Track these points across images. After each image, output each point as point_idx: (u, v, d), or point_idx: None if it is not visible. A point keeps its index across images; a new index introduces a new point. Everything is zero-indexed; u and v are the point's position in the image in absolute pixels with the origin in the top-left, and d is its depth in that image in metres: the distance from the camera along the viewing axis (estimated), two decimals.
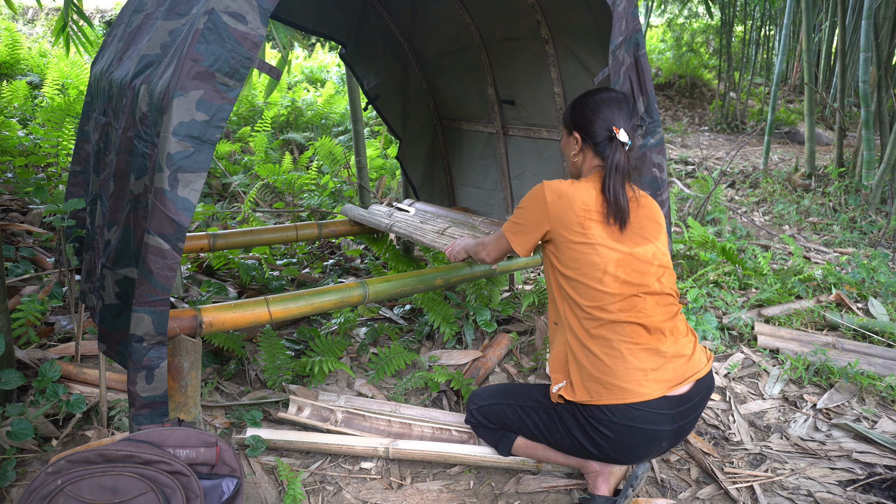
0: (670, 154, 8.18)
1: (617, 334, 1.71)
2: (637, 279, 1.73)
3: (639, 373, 1.69)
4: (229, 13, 1.54)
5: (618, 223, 1.75)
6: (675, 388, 1.72)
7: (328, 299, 2.13)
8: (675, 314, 1.80)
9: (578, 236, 1.74)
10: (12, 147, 4.37)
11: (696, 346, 1.83)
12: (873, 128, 5.56)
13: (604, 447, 1.74)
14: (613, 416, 1.69)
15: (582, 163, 1.90)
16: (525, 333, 3.00)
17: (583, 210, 1.75)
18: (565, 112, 1.95)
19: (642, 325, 1.72)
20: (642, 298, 1.73)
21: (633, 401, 1.67)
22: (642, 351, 1.71)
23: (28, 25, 10.60)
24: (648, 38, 13.76)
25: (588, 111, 1.84)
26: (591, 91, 1.90)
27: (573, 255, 1.75)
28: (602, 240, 1.73)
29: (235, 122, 6.92)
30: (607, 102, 1.83)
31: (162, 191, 1.53)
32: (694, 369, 1.77)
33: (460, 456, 2.03)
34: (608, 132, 1.81)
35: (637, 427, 1.69)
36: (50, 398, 2.01)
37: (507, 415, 1.94)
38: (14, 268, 2.96)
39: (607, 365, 1.70)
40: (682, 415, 1.74)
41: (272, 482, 1.93)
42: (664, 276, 1.80)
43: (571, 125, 1.90)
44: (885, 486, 2.02)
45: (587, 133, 1.84)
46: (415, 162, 3.71)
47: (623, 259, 1.73)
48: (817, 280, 3.67)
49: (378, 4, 3.33)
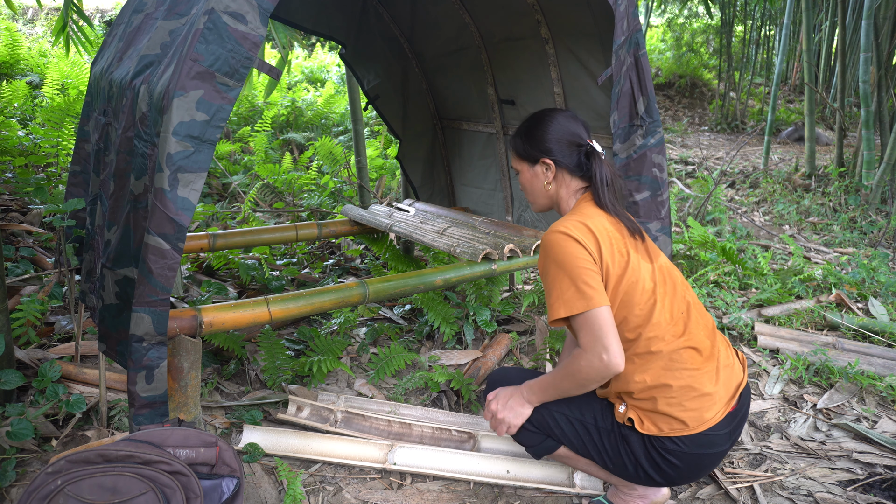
0: (670, 154, 8.18)
1: (678, 363, 1.58)
2: (673, 295, 1.63)
3: (705, 399, 1.58)
4: (229, 13, 1.54)
5: (637, 236, 1.65)
6: (731, 403, 1.64)
7: (328, 299, 2.13)
8: (714, 327, 1.71)
9: (624, 264, 1.58)
10: (12, 147, 4.37)
11: (732, 354, 1.74)
12: (873, 128, 5.56)
13: (670, 475, 1.63)
14: (686, 446, 1.58)
15: (558, 190, 1.74)
16: (525, 333, 3.00)
17: (615, 234, 1.61)
18: (517, 145, 1.78)
19: (695, 348, 1.61)
20: (686, 317, 1.63)
21: (704, 429, 1.57)
22: (703, 375, 1.60)
23: (28, 25, 10.60)
24: (648, 38, 13.76)
25: (552, 133, 1.71)
26: (538, 114, 1.76)
27: (625, 286, 1.57)
28: (641, 261, 1.61)
29: (235, 122, 6.92)
30: (565, 120, 1.72)
31: (162, 191, 1.53)
32: (738, 379, 1.69)
33: (460, 475, 1.98)
34: (582, 147, 1.70)
35: (705, 453, 1.60)
36: (50, 398, 2.00)
37: (561, 426, 1.70)
38: (14, 268, 2.96)
39: (676, 396, 1.57)
40: (735, 428, 1.67)
41: (272, 482, 1.93)
42: (687, 285, 1.72)
43: (536, 154, 1.73)
44: (885, 486, 2.02)
45: (559, 156, 1.70)
46: (415, 162, 3.71)
47: (660, 277, 1.63)
48: (817, 280, 3.67)
49: (378, 4, 3.33)
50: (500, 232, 2.82)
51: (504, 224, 2.92)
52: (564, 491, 1.93)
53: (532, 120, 1.75)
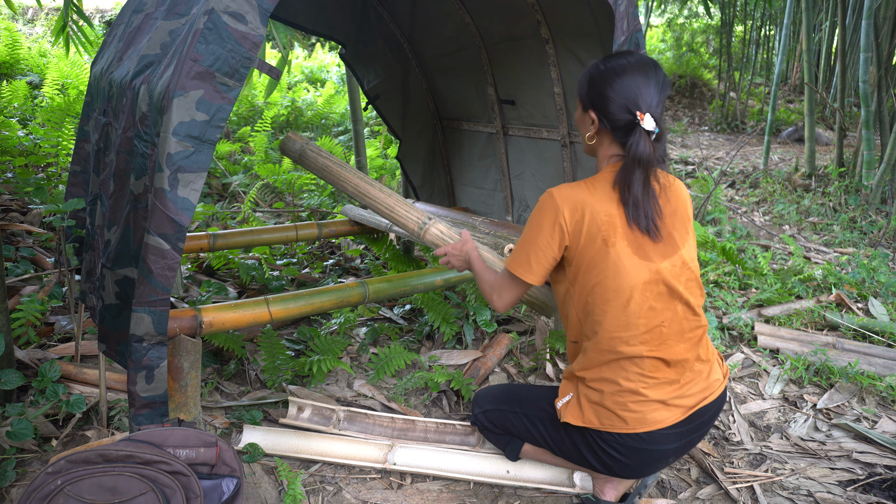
0: (670, 154, 8.18)
1: (636, 367, 1.55)
2: (664, 303, 1.55)
3: (655, 404, 1.57)
4: (229, 13, 1.54)
5: (644, 231, 1.52)
6: (688, 412, 1.61)
7: (328, 299, 2.13)
8: (700, 340, 1.63)
9: (601, 255, 1.51)
10: (12, 147, 4.37)
11: (713, 368, 1.69)
12: (873, 128, 5.56)
13: (612, 467, 1.66)
14: (625, 441, 1.60)
15: (598, 147, 1.61)
16: (525, 333, 3.00)
17: (607, 222, 1.51)
18: (581, 79, 1.62)
19: (663, 359, 1.56)
20: (668, 329, 1.56)
21: (646, 430, 1.57)
22: (660, 385, 1.57)
23: (28, 25, 10.60)
24: (648, 38, 13.76)
25: (606, 85, 1.51)
26: (612, 56, 1.56)
27: (595, 277, 1.53)
28: (628, 258, 1.51)
29: (235, 122, 6.92)
30: (631, 72, 1.49)
31: (162, 191, 1.53)
32: (709, 391, 1.65)
33: (461, 475, 1.98)
34: (630, 115, 1.48)
35: (647, 449, 1.60)
36: (50, 398, 2.00)
37: (514, 423, 1.86)
38: (14, 268, 2.96)
39: (622, 396, 1.57)
40: (691, 431, 1.65)
41: (272, 482, 1.93)
42: (693, 289, 1.60)
43: (587, 100, 1.58)
44: (885, 486, 2.02)
45: (604, 114, 1.53)
46: (415, 162, 3.71)
47: (651, 280, 1.53)
48: (817, 280, 3.67)
49: (378, 4, 3.33)
50: (500, 232, 2.82)
51: (504, 224, 2.92)
52: (564, 491, 1.93)
53: (609, 61, 1.55)
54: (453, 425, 2.17)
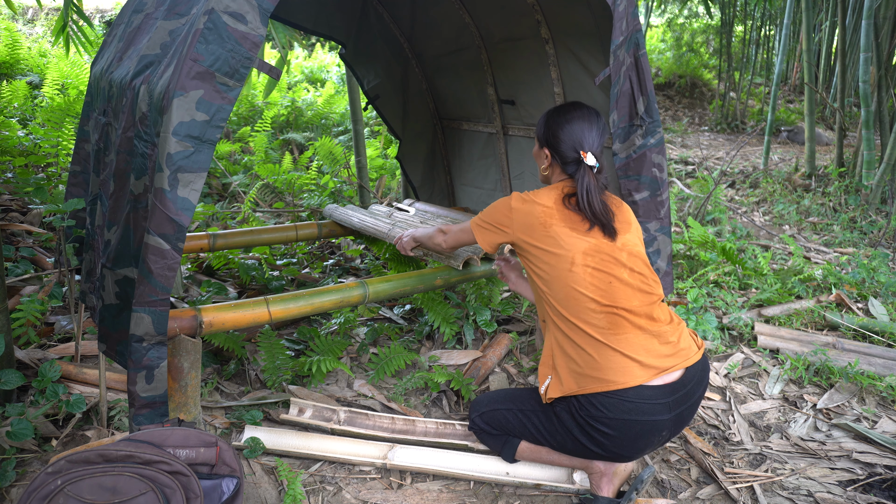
0: (670, 154, 8.18)
1: (598, 326, 1.73)
2: (608, 267, 1.75)
3: (624, 360, 1.70)
4: (229, 13, 1.54)
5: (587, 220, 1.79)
6: (661, 375, 1.72)
7: (328, 299, 2.13)
8: (654, 302, 1.81)
9: (543, 237, 1.79)
10: (12, 147, 4.37)
11: (683, 335, 1.83)
12: (873, 128, 5.56)
13: (605, 444, 1.74)
14: (609, 411, 1.69)
15: (550, 176, 1.97)
16: (525, 333, 3.00)
17: (543, 211, 1.80)
18: (539, 122, 1.98)
19: (621, 314, 1.73)
20: (616, 287, 1.75)
21: (619, 388, 1.68)
22: (625, 340, 1.72)
23: (28, 25, 10.60)
24: (648, 38, 13.77)
25: (557, 129, 1.87)
26: (562, 107, 1.93)
27: (542, 256, 1.79)
28: (566, 235, 1.77)
29: (235, 122, 6.92)
30: (577, 121, 1.86)
31: (162, 191, 1.53)
32: (683, 357, 1.77)
33: (460, 475, 1.99)
34: (576, 154, 1.84)
35: (634, 420, 1.69)
36: (50, 398, 2.00)
37: (509, 420, 1.93)
38: (14, 268, 2.96)
39: (591, 355, 1.72)
40: (678, 402, 1.74)
41: (272, 482, 1.93)
42: (637, 262, 1.81)
43: (543, 139, 1.94)
44: (885, 486, 2.02)
45: (556, 151, 1.88)
46: (415, 162, 3.71)
47: (590, 250, 1.76)
48: (817, 280, 3.67)
49: (378, 4, 3.33)
50: None
51: None
52: (564, 489, 1.93)
53: (559, 111, 1.92)
54: (453, 425, 2.17)
